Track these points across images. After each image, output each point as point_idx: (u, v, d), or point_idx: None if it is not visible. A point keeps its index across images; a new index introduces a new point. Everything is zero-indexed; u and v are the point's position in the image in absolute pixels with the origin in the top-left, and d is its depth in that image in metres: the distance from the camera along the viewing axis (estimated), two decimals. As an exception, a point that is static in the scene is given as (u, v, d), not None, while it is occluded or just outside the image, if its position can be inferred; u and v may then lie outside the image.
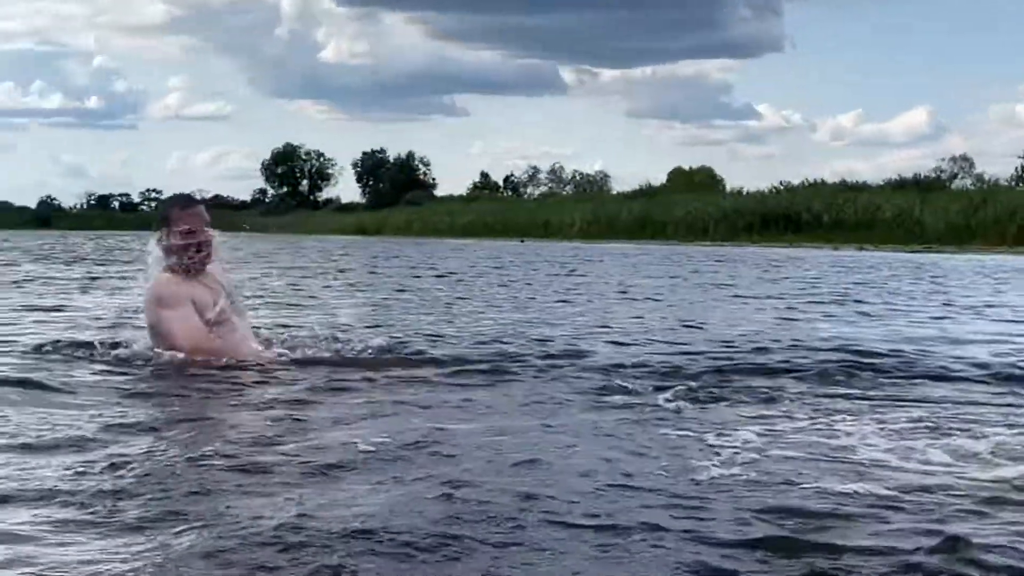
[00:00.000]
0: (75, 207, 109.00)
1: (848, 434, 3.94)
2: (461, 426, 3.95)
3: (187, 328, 5.48)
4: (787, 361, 5.90)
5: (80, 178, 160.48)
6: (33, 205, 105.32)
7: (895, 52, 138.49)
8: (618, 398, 4.68)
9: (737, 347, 6.65)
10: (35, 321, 7.93)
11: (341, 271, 19.13)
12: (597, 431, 3.91)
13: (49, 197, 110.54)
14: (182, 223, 5.61)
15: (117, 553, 2.39)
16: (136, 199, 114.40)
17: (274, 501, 2.83)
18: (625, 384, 4.99)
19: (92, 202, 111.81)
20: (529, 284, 15.13)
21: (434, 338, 6.92)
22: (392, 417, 4.13)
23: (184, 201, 5.80)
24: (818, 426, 4.10)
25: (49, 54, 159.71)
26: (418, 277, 17.02)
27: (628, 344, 6.72)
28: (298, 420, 4.05)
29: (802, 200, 47.90)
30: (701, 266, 22.57)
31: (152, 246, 5.70)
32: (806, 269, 21.35)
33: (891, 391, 5.07)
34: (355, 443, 3.53)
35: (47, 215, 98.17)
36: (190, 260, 5.59)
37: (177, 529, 2.58)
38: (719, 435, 3.85)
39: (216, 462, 3.27)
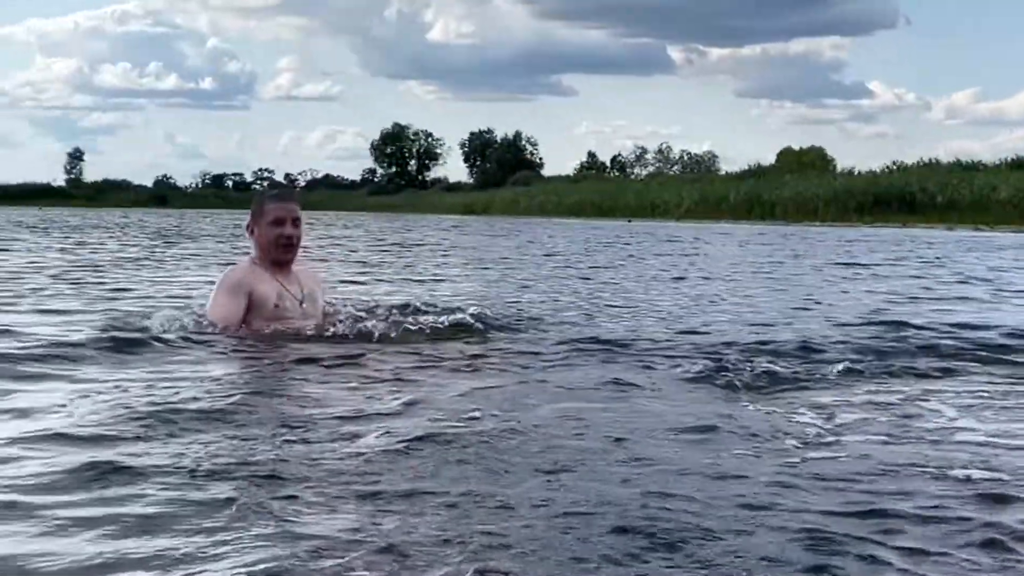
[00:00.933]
0: (190, 186, 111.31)
1: (954, 416, 3.89)
2: (561, 405, 3.93)
3: (216, 316, 5.46)
4: (900, 342, 5.80)
5: (195, 158, 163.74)
6: (150, 184, 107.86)
7: (1013, 28, 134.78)
8: (722, 376, 4.63)
9: (851, 326, 6.59)
10: (140, 296, 8.19)
11: (453, 248, 19.25)
12: (690, 413, 3.86)
13: (165, 176, 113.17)
14: (272, 214, 5.56)
15: (231, 535, 2.38)
16: (249, 178, 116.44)
17: (371, 486, 2.82)
18: (730, 363, 4.94)
19: (207, 181, 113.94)
20: (637, 263, 15.11)
21: (540, 316, 6.92)
22: (485, 396, 4.12)
23: (280, 194, 5.74)
24: (927, 409, 4.04)
25: (164, 36, 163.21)
26: (526, 256, 17.08)
27: (738, 322, 6.71)
28: (397, 394, 4.07)
29: (916, 180, 46.93)
30: (813, 246, 22.27)
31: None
32: (925, 248, 20.95)
33: (1010, 372, 4.99)
34: (455, 423, 3.53)
35: (164, 194, 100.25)
36: (275, 252, 5.56)
37: (284, 510, 2.59)
38: (824, 417, 3.82)
39: (314, 443, 3.27)
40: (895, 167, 54.35)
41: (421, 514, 2.52)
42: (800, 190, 49.72)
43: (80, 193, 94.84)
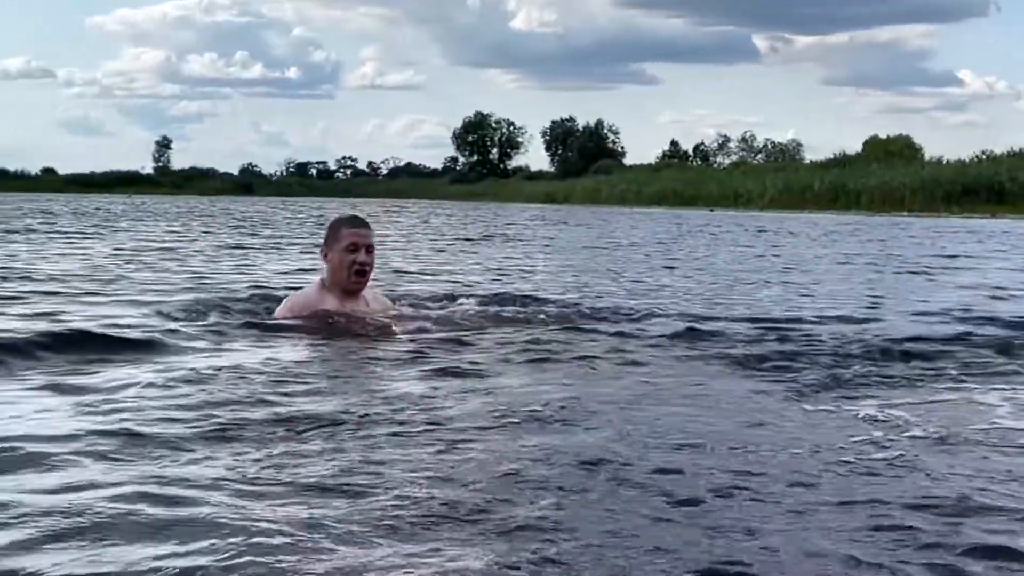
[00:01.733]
0: (275, 174, 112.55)
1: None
2: (629, 403, 3.87)
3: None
4: (993, 341, 5.59)
5: (280, 146, 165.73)
6: (236, 172, 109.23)
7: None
8: (784, 372, 4.54)
9: (940, 323, 6.42)
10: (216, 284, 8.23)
11: (535, 238, 19.22)
12: (751, 408, 3.78)
13: (251, 164, 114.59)
14: (348, 240, 5.51)
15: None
16: (333, 167, 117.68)
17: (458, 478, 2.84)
18: (813, 359, 4.83)
19: (291, 169, 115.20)
20: (719, 254, 14.95)
21: (618, 307, 6.82)
22: (552, 391, 4.07)
23: (354, 220, 5.72)
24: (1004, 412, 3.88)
25: (250, 25, 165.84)
26: (608, 245, 17.00)
27: (820, 316, 6.55)
28: (467, 392, 4.06)
29: (1005, 169, 46.02)
30: (900, 237, 21.90)
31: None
32: (1016, 239, 20.48)
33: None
34: (522, 421, 3.51)
35: (249, 182, 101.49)
36: (346, 280, 5.52)
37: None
38: (896, 418, 3.68)
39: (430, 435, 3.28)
40: (984, 156, 53.35)
41: (479, 523, 2.46)
42: (886, 179, 49.01)
43: (167, 180, 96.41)
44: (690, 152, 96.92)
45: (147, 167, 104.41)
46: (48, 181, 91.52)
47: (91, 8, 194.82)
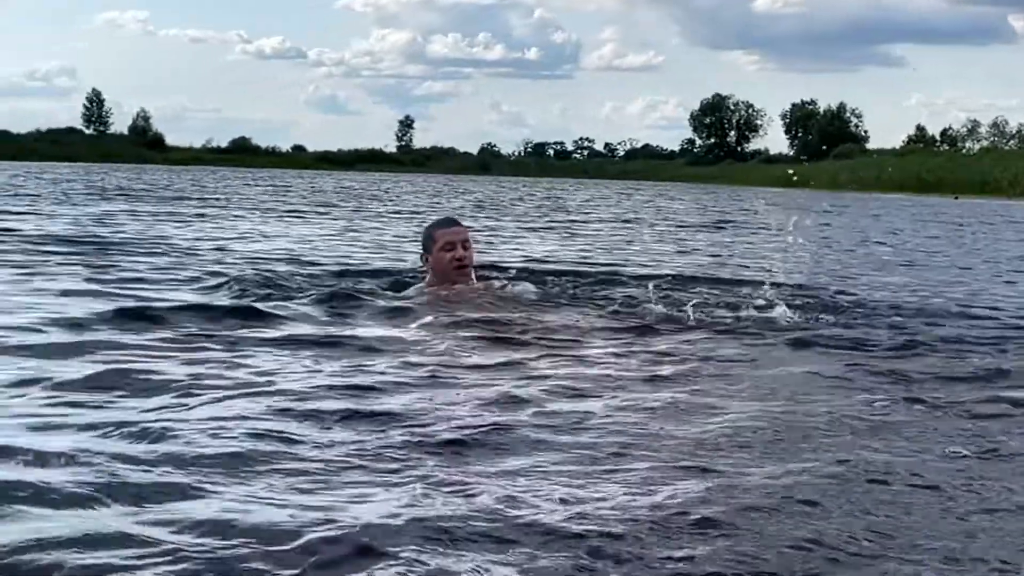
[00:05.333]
0: (513, 154, 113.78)
1: None
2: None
3: None
4: None
5: (518, 126, 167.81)
6: (474, 151, 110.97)
7: None
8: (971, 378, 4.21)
9: None
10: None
11: (765, 225, 18.88)
12: (921, 420, 3.50)
13: (489, 144, 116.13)
14: (443, 239, 5.87)
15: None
16: (570, 147, 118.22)
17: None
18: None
19: (528, 149, 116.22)
20: (959, 246, 14.42)
21: (819, 299, 6.61)
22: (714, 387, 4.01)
23: (446, 222, 6.11)
24: None
25: (492, 6, 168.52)
26: (830, 237, 16.57)
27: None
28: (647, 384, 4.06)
29: None
30: None
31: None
32: None
33: None
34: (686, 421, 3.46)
35: (487, 161, 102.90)
36: (451, 276, 5.84)
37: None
38: None
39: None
40: None
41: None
42: None
43: (408, 159, 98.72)
44: (937, 137, 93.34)
45: (390, 145, 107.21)
46: (297, 158, 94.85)
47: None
